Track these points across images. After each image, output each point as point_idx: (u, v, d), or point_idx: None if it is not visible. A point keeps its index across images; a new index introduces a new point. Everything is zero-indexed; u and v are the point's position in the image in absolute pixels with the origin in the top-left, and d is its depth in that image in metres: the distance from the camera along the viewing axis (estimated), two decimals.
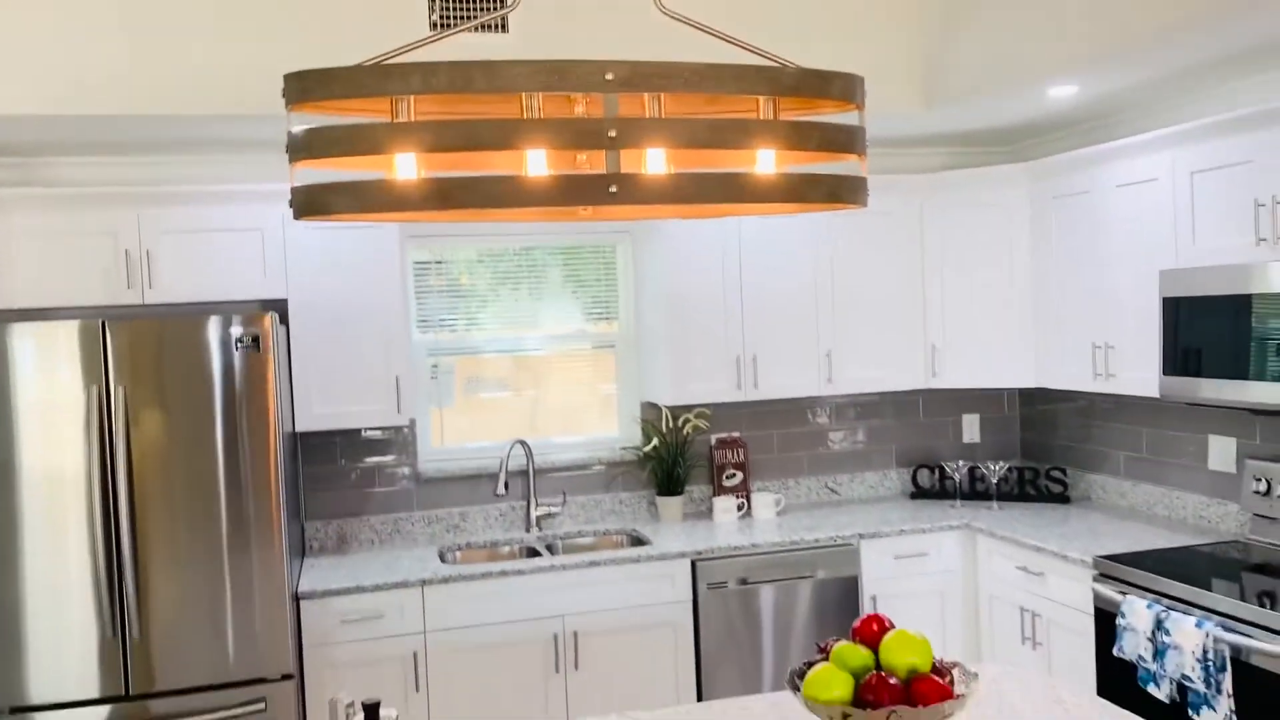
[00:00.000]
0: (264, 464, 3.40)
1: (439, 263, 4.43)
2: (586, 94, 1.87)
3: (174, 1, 3.35)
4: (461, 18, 3.54)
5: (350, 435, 4.27)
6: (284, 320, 3.91)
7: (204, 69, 3.38)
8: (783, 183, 1.86)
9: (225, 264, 3.81)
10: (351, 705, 1.78)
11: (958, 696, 1.81)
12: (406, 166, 1.82)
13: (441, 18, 3.52)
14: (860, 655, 1.89)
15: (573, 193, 1.74)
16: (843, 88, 1.90)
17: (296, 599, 3.61)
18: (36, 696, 3.29)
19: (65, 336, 3.29)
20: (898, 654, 1.87)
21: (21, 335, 3.26)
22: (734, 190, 1.84)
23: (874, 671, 1.84)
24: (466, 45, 3.51)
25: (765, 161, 1.92)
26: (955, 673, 1.92)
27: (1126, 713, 2.24)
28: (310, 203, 1.76)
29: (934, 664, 1.90)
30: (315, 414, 3.92)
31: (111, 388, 3.30)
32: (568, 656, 3.86)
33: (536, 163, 1.86)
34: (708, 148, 1.81)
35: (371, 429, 4.27)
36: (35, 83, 3.27)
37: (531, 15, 3.57)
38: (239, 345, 3.37)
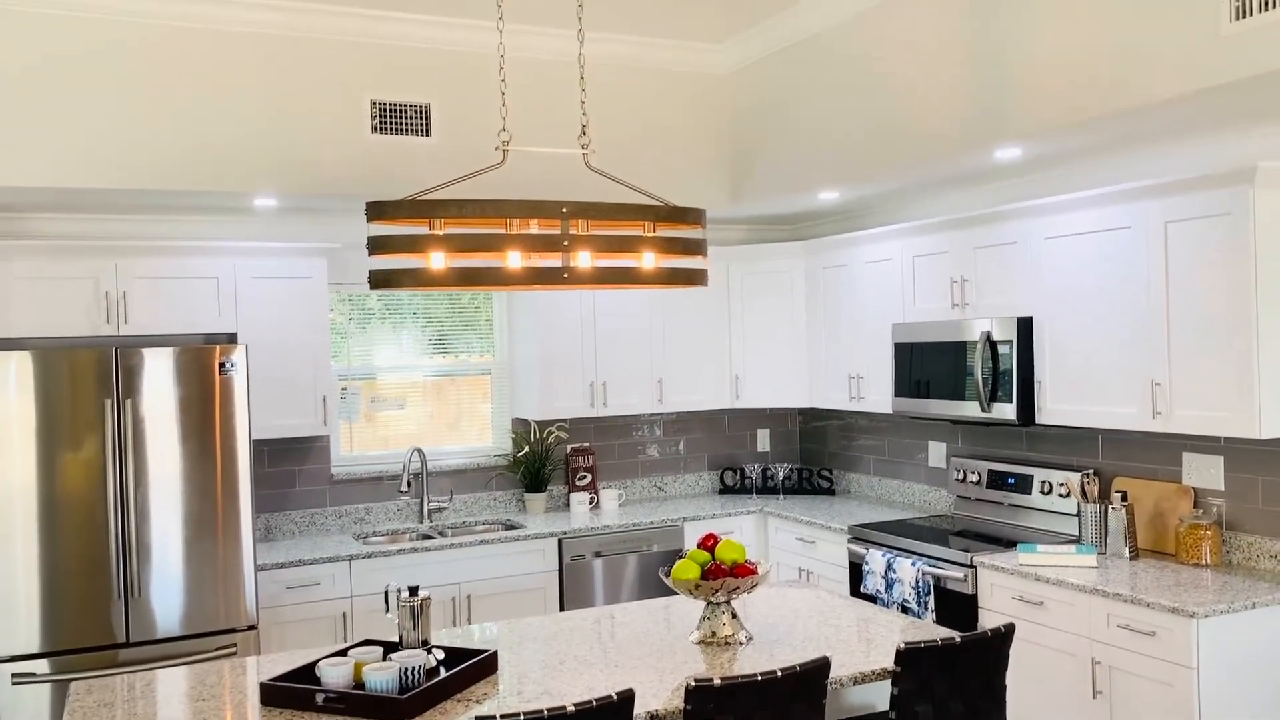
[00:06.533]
0: (240, 467, 4.39)
1: None
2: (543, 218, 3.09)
3: (163, 96, 4.33)
4: (391, 126, 4.67)
5: (274, 444, 5.25)
6: None
7: (182, 153, 4.37)
8: (659, 272, 3.16)
9: (187, 304, 4.75)
10: (400, 590, 2.90)
11: (760, 574, 3.12)
12: (438, 259, 2.98)
13: (379, 124, 4.65)
14: (704, 555, 3.17)
15: (544, 277, 2.97)
16: (694, 217, 3.22)
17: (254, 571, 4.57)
18: (59, 645, 4.13)
19: (82, 361, 4.18)
20: (726, 553, 3.17)
21: (48, 361, 4.13)
22: (631, 277, 3.12)
23: (713, 562, 3.13)
24: (397, 145, 4.65)
25: (649, 259, 3.20)
26: (759, 566, 3.23)
27: (858, 599, 3.63)
28: (386, 280, 2.90)
29: (746, 560, 3.20)
30: (260, 425, 4.89)
31: (120, 401, 4.21)
32: (463, 614, 4.97)
33: (514, 257, 3.07)
34: (617, 251, 3.08)
35: (301, 438, 5.26)
36: (40, 160, 4.17)
37: (448, 125, 4.75)
38: (222, 369, 4.35)
